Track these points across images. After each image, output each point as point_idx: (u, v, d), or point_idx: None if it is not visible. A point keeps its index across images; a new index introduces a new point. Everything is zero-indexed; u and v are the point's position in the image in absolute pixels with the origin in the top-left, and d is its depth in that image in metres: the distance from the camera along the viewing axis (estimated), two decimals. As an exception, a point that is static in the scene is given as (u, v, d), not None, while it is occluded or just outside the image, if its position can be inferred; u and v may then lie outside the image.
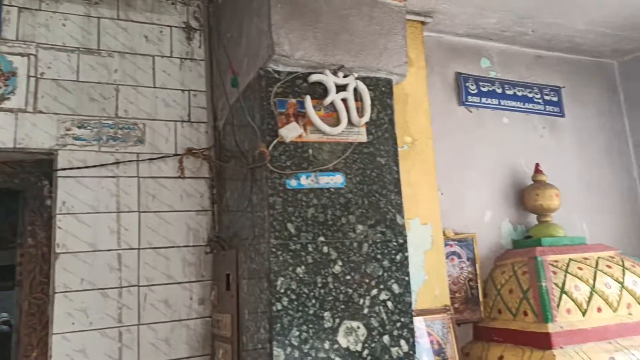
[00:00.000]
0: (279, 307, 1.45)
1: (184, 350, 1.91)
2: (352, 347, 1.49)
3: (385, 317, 1.55)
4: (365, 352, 1.50)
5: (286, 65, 1.59)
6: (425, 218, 2.47)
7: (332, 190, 1.60)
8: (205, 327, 1.95)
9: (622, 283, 2.40)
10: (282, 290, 1.46)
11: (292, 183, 1.57)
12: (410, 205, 2.41)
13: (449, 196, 2.70)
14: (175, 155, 2.03)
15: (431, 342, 2.26)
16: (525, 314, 2.34)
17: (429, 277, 2.39)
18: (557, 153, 3.02)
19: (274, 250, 1.49)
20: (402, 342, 1.55)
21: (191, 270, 1.98)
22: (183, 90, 2.12)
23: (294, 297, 1.47)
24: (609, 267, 2.45)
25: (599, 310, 2.32)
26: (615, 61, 3.30)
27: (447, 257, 2.53)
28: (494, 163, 2.86)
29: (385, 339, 1.54)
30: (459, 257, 2.62)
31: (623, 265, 2.48)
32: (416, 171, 2.48)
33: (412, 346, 1.56)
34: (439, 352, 2.26)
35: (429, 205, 2.48)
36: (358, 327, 1.51)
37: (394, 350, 1.54)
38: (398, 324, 1.56)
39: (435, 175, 2.52)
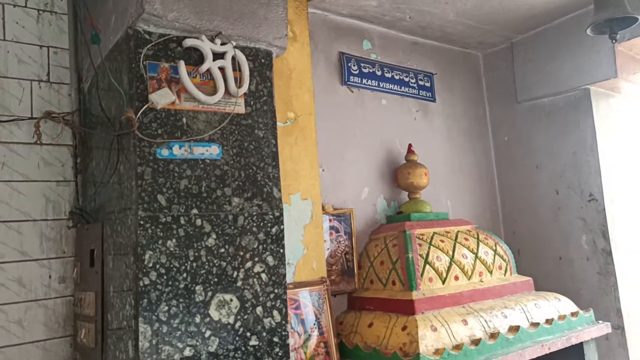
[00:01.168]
0: (147, 282, 1.38)
1: (41, 332, 1.74)
2: (224, 320, 1.48)
3: (259, 289, 1.56)
4: (238, 324, 1.50)
5: (158, 26, 1.49)
6: (306, 193, 2.52)
7: (208, 161, 1.56)
8: (66, 307, 1.80)
9: (476, 254, 2.68)
10: (150, 265, 1.40)
11: (164, 152, 1.49)
12: (292, 181, 2.45)
13: (329, 173, 2.78)
14: (31, 118, 1.81)
15: (306, 313, 2.33)
16: (394, 283, 2.51)
17: (308, 250, 2.46)
18: (428, 135, 3.25)
19: (142, 222, 1.41)
20: (275, 312, 1.58)
21: (50, 246, 1.80)
22: (41, 46, 1.88)
23: (163, 271, 1.41)
24: (466, 239, 2.72)
25: (456, 278, 2.57)
26: (480, 53, 3.62)
27: (325, 232, 2.62)
28: (372, 142, 2.99)
29: (259, 310, 1.55)
30: (337, 231, 2.72)
31: (478, 238, 2.77)
32: (298, 147, 2.51)
33: (284, 316, 1.59)
34: (315, 322, 2.35)
35: (310, 181, 2.53)
36: (231, 300, 1.50)
37: (266, 321, 1.55)
38: (272, 295, 1.58)
39: (316, 152, 2.58)
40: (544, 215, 3.31)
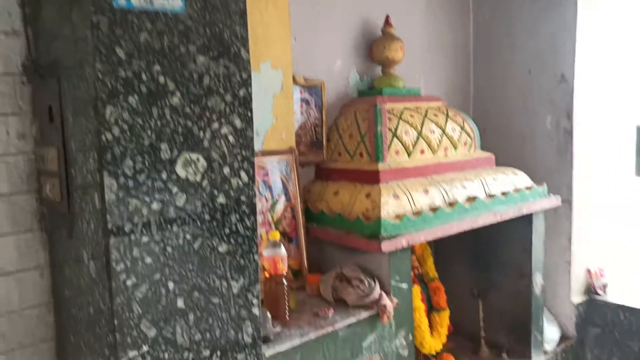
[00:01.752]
0: (109, 137, 1.36)
1: (4, 186, 1.73)
2: (191, 178, 1.50)
3: (226, 150, 1.56)
4: (205, 182, 1.53)
5: None
6: (276, 62, 2.44)
7: (170, 15, 1.45)
8: (28, 163, 1.77)
9: (443, 130, 2.73)
10: (112, 120, 1.36)
11: (121, 2, 1.37)
12: (262, 48, 2.35)
13: (302, 43, 2.68)
14: (-33, -42, 1.62)
15: (274, 180, 2.39)
16: (361, 155, 2.57)
17: (277, 121, 2.45)
18: (407, 9, 3.11)
19: (100, 76, 1.34)
20: (242, 173, 1.60)
21: (5, 101, 1.72)
22: None
23: (126, 127, 1.38)
24: (435, 115, 2.75)
25: (422, 152, 2.64)
26: None
27: (296, 103, 2.59)
28: (347, 13, 2.85)
29: (226, 170, 1.56)
30: (308, 103, 2.69)
31: (447, 115, 2.80)
32: (269, 13, 2.38)
33: (251, 177, 1.62)
34: (283, 189, 2.42)
35: (281, 49, 2.44)
36: (198, 159, 1.51)
37: (233, 181, 1.58)
38: (239, 157, 1.59)
39: (289, 20, 2.45)
40: (514, 95, 3.34)
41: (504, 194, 2.68)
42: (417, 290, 2.71)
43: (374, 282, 2.17)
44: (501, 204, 2.63)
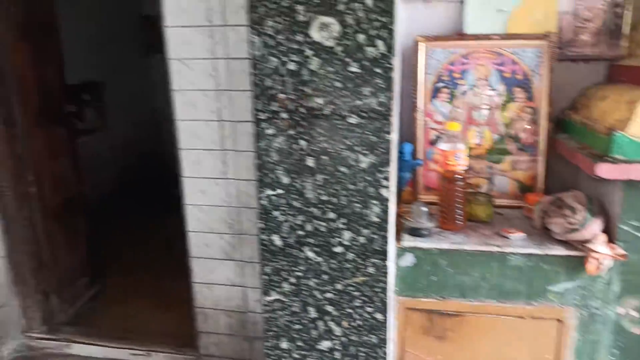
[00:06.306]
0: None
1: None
2: (325, 43, 1.53)
3: (362, 15, 1.48)
4: (339, 48, 1.52)
5: None
6: None
7: None
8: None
9: None
10: (262, -14, 1.53)
11: None
12: None
13: None
14: None
15: (513, 71, 1.97)
16: (665, 46, 1.74)
17: (541, -3, 1.95)
18: None
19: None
20: (379, 42, 1.49)
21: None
22: None
23: (269, -10, 1.53)
24: None
25: None
26: None
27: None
28: None
29: (360, 37, 1.50)
30: (611, -26, 1.98)
31: None
32: None
33: (389, 48, 1.48)
34: (524, 84, 1.97)
35: None
36: (332, 24, 1.51)
37: (369, 50, 1.50)
38: (376, 24, 1.48)
39: None
40: None
41: None
42: None
43: (593, 217, 1.58)
44: None
